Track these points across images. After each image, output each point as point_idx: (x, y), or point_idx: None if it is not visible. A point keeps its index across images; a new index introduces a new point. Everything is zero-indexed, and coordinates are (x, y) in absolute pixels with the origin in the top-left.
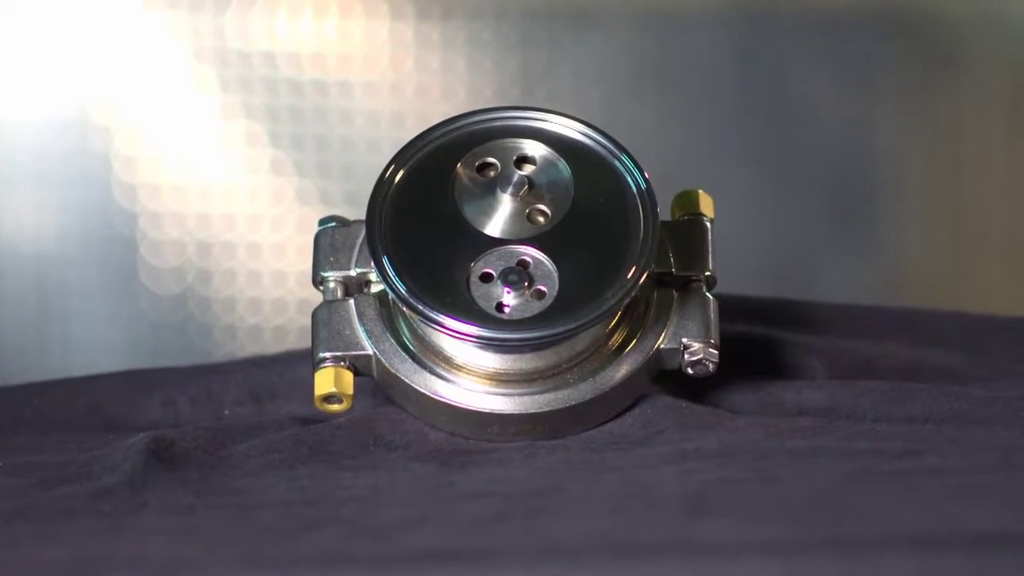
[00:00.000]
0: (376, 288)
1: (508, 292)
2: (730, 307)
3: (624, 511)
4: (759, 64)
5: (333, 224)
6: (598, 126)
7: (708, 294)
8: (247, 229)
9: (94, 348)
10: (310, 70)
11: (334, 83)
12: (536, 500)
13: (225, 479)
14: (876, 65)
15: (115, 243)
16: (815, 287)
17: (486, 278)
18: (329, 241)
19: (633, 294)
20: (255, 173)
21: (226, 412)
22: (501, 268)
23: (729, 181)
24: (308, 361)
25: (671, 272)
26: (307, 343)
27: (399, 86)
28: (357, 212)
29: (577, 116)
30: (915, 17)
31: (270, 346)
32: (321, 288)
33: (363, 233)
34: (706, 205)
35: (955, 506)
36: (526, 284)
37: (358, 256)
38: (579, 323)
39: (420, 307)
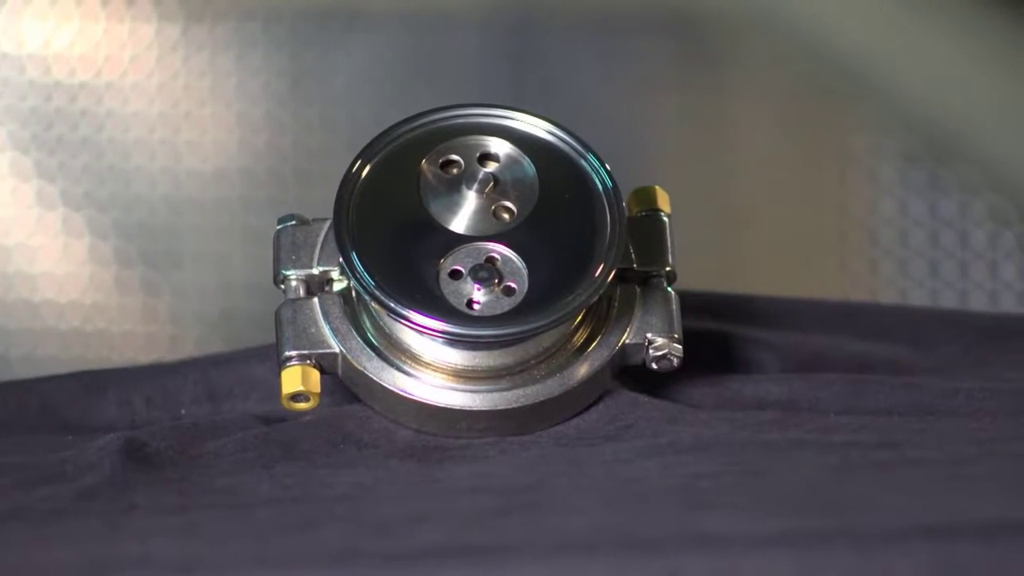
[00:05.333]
0: (339, 286)
1: (479, 289)
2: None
3: (619, 505)
4: (530, 64)
5: (293, 222)
6: (565, 124)
7: (669, 289)
8: (9, 234)
9: None
10: (81, 72)
11: (103, 85)
12: (528, 496)
13: (205, 478)
14: (647, 64)
15: None
16: None
17: (455, 275)
18: (290, 239)
19: (601, 291)
20: (19, 177)
21: (183, 412)
22: (471, 265)
23: None
24: (263, 359)
25: (632, 268)
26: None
27: (167, 87)
28: (128, 215)
29: (543, 114)
30: (686, 15)
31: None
32: (282, 287)
33: (324, 231)
34: (663, 201)
35: (951, 496)
36: (496, 281)
37: (320, 254)
38: (551, 319)
39: (391, 303)
